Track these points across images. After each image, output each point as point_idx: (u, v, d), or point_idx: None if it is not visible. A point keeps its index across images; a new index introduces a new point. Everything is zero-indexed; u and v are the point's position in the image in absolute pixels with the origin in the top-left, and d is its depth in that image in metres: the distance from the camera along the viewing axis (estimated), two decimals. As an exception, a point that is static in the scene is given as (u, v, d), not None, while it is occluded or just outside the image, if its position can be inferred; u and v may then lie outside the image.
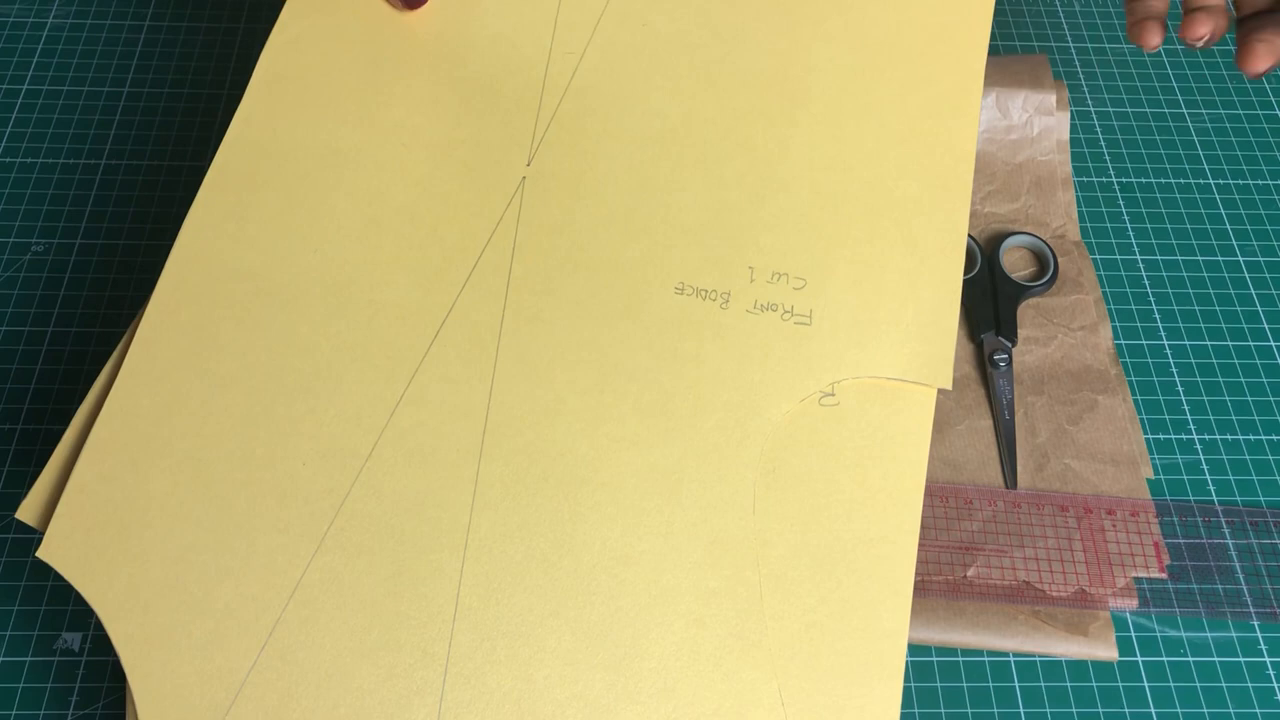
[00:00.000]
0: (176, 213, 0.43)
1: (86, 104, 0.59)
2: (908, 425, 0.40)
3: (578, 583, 0.38)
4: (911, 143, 0.46)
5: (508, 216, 0.44)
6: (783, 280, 0.43)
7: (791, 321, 0.42)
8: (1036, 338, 0.50)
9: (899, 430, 0.40)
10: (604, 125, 0.46)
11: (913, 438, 0.40)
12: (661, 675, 0.37)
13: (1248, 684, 0.43)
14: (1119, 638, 0.43)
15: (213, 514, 0.38)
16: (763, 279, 0.43)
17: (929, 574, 0.43)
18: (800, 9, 0.48)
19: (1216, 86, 0.62)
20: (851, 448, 0.40)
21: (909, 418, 0.40)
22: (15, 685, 0.42)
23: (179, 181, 0.56)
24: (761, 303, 0.42)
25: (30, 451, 0.47)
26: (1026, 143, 0.56)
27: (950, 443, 0.47)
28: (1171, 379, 0.51)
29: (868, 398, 0.41)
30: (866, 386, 0.41)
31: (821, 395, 0.41)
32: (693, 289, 0.43)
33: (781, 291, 0.43)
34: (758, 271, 0.43)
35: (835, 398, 0.41)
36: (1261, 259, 0.55)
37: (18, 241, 0.53)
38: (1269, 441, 0.49)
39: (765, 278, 0.43)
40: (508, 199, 0.44)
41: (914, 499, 0.39)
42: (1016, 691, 0.42)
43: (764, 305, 0.42)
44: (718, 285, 0.43)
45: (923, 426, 0.40)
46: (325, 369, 0.40)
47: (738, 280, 0.43)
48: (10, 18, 0.62)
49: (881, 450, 0.40)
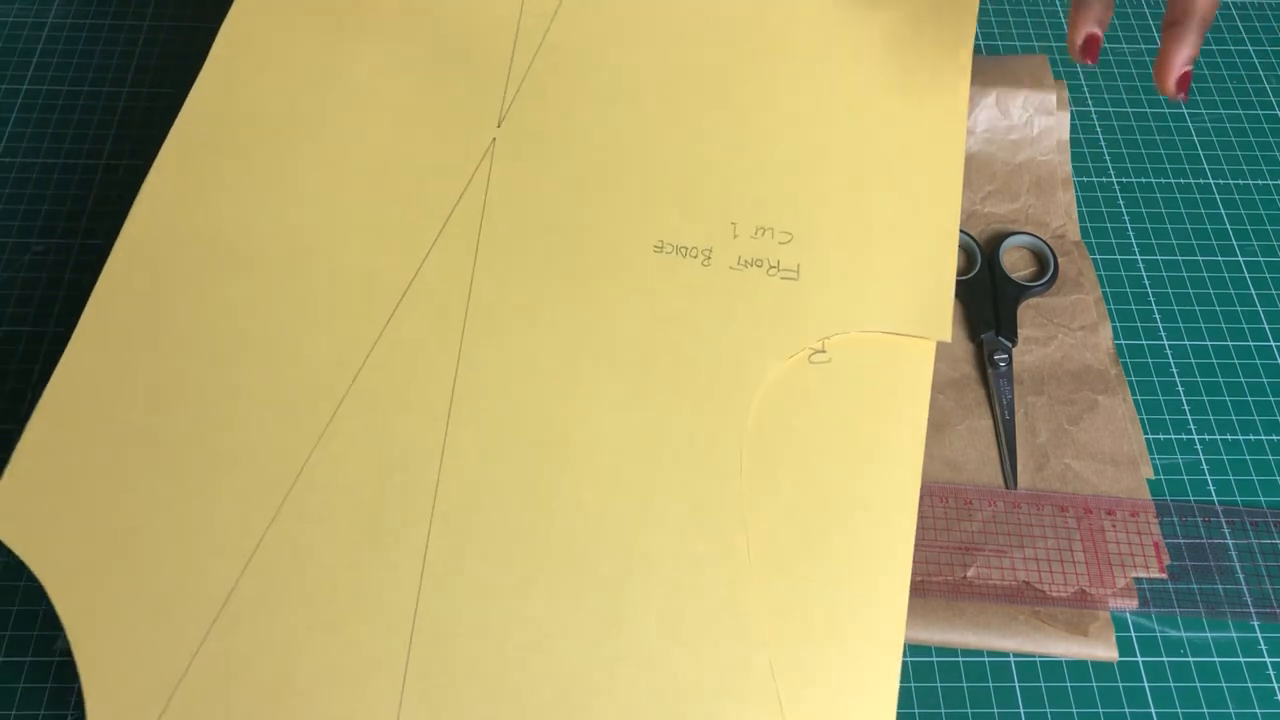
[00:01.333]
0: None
1: (86, 104, 0.59)
2: (905, 381, 0.39)
3: (552, 549, 0.36)
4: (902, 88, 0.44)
5: (477, 178, 0.43)
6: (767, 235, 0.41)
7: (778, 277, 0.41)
8: (1036, 338, 0.50)
9: (896, 387, 0.39)
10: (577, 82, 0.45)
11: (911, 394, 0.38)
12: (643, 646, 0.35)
13: (1248, 684, 0.43)
14: (1119, 638, 0.43)
15: (166, 481, 0.37)
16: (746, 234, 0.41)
17: (929, 574, 0.43)
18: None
19: (1217, 86, 0.62)
20: (845, 407, 0.38)
21: (906, 373, 0.39)
22: (15, 685, 0.42)
23: (179, 181, 0.56)
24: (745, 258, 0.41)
25: (30, 451, 0.47)
26: (1026, 143, 0.56)
27: (950, 443, 0.47)
28: (1171, 379, 0.51)
29: (861, 354, 0.39)
30: (860, 342, 0.39)
31: (812, 353, 0.39)
32: (672, 247, 0.41)
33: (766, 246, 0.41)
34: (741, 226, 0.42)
35: (826, 354, 0.39)
36: (1261, 259, 0.55)
37: (18, 241, 0.53)
38: (1269, 441, 0.49)
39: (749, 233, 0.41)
40: (477, 160, 0.43)
41: (914, 459, 0.38)
42: (1016, 691, 0.42)
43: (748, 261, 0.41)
44: (699, 242, 0.41)
45: (922, 381, 0.39)
46: (285, 334, 0.39)
47: (720, 236, 0.41)
48: (10, 18, 0.62)
49: (877, 408, 0.38)
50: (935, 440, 0.47)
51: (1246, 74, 0.62)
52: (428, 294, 0.40)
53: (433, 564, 0.36)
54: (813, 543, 0.36)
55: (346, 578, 0.36)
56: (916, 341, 0.39)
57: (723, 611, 0.35)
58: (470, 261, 0.41)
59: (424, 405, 0.38)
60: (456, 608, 0.35)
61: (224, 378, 0.38)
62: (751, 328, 0.40)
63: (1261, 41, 0.64)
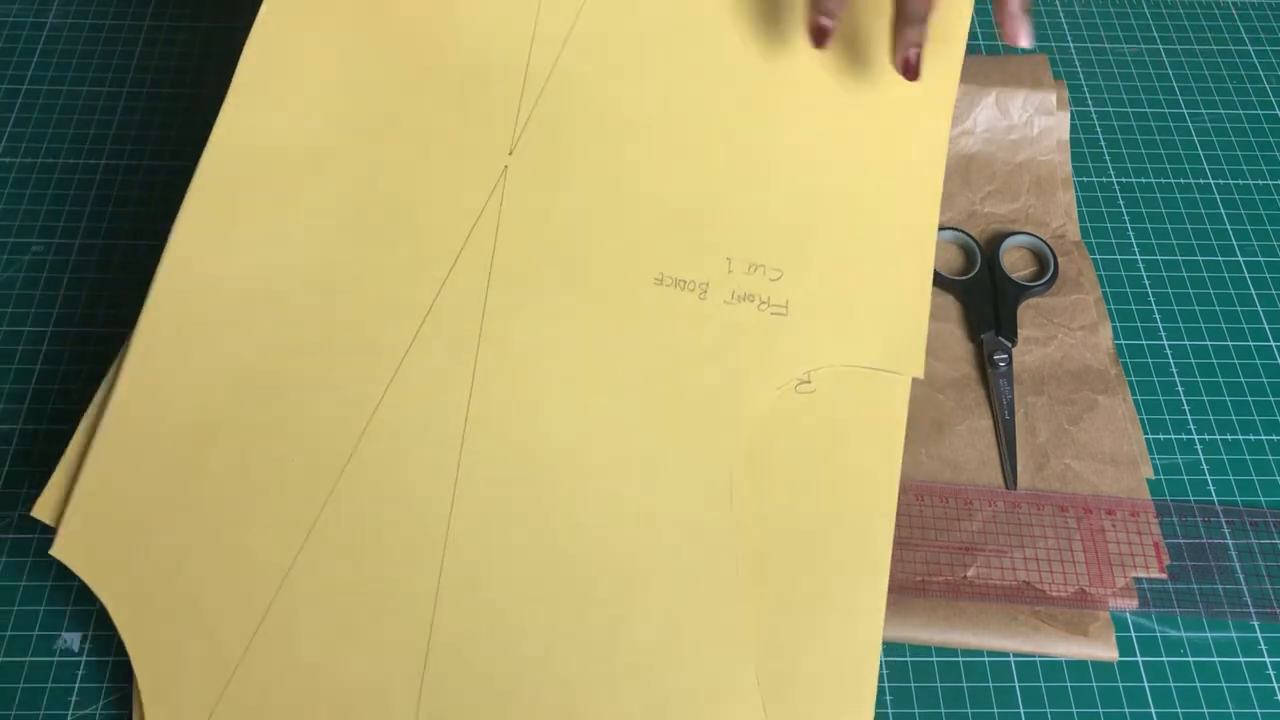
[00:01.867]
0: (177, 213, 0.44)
1: (86, 104, 0.59)
2: (882, 412, 0.41)
3: (556, 569, 0.38)
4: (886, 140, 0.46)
5: (489, 206, 0.44)
6: (760, 271, 0.43)
7: (768, 312, 0.42)
8: (1036, 338, 0.50)
9: (874, 417, 0.41)
10: (586, 112, 0.46)
11: (887, 424, 0.41)
12: (638, 658, 0.37)
13: (1248, 684, 0.43)
14: (1119, 638, 0.43)
15: (208, 511, 0.39)
16: (740, 270, 0.43)
17: (929, 574, 0.43)
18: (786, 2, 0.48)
19: (1216, 86, 0.62)
20: (827, 434, 0.41)
21: (883, 405, 0.41)
22: (15, 685, 0.42)
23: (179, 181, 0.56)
24: (739, 293, 0.43)
25: (30, 452, 0.47)
26: (1026, 143, 0.56)
27: (950, 443, 0.47)
28: (1171, 379, 0.51)
29: (843, 386, 0.41)
30: (841, 375, 0.42)
31: (798, 383, 0.41)
32: (672, 280, 0.43)
33: (758, 282, 0.43)
34: (735, 262, 0.43)
35: (811, 385, 0.41)
36: (1261, 259, 0.55)
37: (18, 241, 0.53)
38: (1269, 441, 0.49)
39: (743, 269, 0.43)
40: (490, 188, 0.44)
41: (889, 484, 0.40)
42: (1016, 691, 0.42)
43: (741, 296, 0.43)
44: (696, 276, 0.43)
45: (897, 414, 0.41)
46: (311, 368, 0.41)
47: (716, 271, 0.43)
48: (10, 18, 0.62)
49: (857, 436, 0.41)
50: (935, 440, 0.47)
51: (1246, 74, 0.62)
52: (443, 324, 0.42)
53: (447, 584, 0.38)
54: (796, 561, 0.39)
55: (370, 595, 0.38)
56: (893, 377, 0.42)
57: (712, 627, 0.38)
58: (483, 290, 0.42)
59: (440, 433, 0.40)
60: (468, 624, 0.38)
61: (258, 412, 0.40)
62: (743, 360, 0.41)
63: (1261, 41, 0.64)
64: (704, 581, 0.38)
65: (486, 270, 0.43)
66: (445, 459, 0.40)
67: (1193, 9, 0.66)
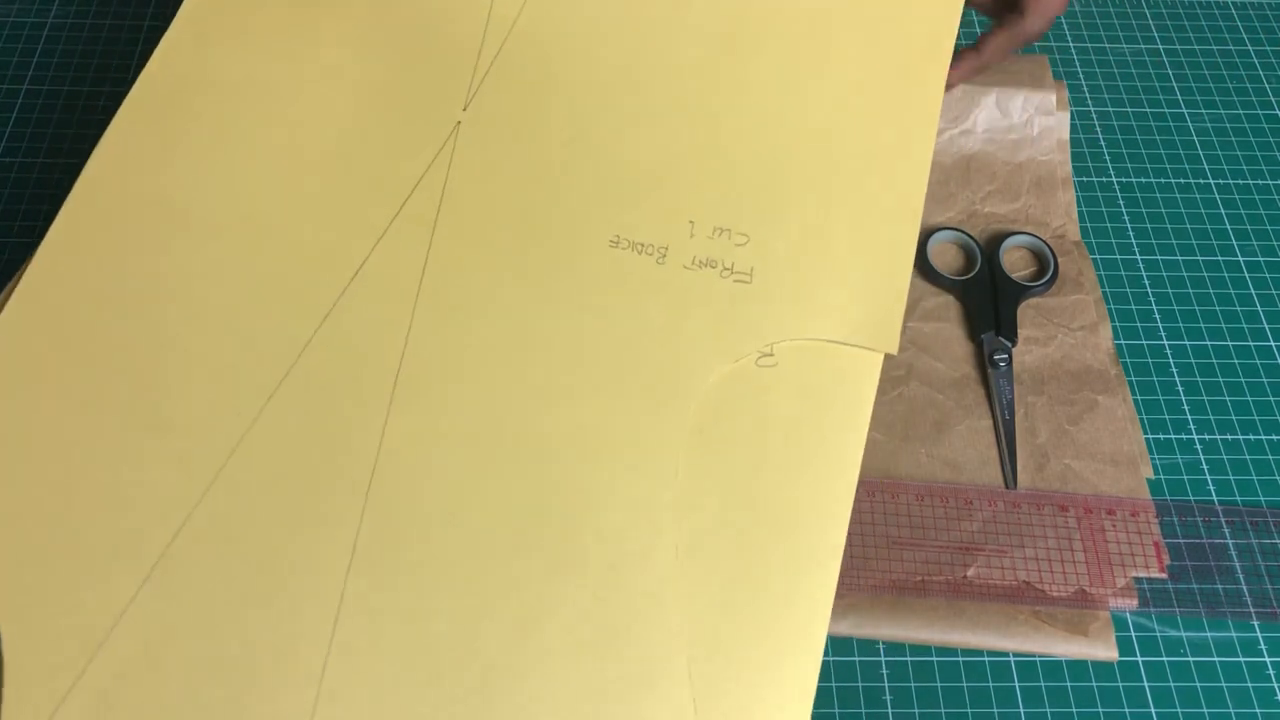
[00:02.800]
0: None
1: (86, 104, 0.59)
2: (848, 391, 0.39)
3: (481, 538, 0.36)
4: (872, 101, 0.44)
5: (439, 161, 0.42)
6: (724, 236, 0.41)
7: (730, 279, 0.40)
8: (1036, 338, 0.50)
9: (839, 396, 0.38)
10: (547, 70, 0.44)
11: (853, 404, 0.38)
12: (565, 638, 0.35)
13: (1248, 684, 0.43)
14: (1119, 638, 0.43)
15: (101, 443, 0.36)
16: (703, 234, 0.41)
17: (929, 574, 0.43)
18: None
19: (1217, 86, 0.62)
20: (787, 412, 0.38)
21: (850, 383, 0.39)
22: (15, 685, 0.41)
23: (179, 181, 0.56)
24: (700, 259, 0.41)
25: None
26: (1026, 143, 0.56)
27: (950, 443, 0.47)
28: (1171, 379, 0.51)
29: (808, 361, 0.39)
30: (807, 349, 0.39)
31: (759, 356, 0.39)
32: (629, 242, 0.41)
33: (722, 247, 0.41)
34: (698, 226, 0.41)
35: (774, 359, 0.39)
36: (1261, 259, 0.55)
37: (18, 242, 0.53)
38: (1269, 441, 0.49)
39: (706, 233, 0.41)
40: (440, 142, 0.43)
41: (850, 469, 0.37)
42: (1016, 691, 0.42)
43: (703, 261, 0.41)
44: (655, 239, 0.41)
45: (865, 393, 0.39)
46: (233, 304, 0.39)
47: (677, 234, 0.41)
48: (10, 18, 0.62)
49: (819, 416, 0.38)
50: (935, 440, 0.47)
51: (1246, 74, 0.62)
52: (380, 275, 0.40)
53: (363, 545, 0.36)
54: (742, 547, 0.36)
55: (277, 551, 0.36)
56: (864, 352, 0.39)
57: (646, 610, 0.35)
58: (426, 245, 0.41)
59: (368, 387, 0.38)
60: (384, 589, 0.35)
61: (168, 343, 0.38)
62: (700, 329, 0.39)
63: (1261, 41, 0.64)
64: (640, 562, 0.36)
65: (430, 226, 0.41)
66: (372, 415, 0.38)
67: (1193, 9, 0.66)
